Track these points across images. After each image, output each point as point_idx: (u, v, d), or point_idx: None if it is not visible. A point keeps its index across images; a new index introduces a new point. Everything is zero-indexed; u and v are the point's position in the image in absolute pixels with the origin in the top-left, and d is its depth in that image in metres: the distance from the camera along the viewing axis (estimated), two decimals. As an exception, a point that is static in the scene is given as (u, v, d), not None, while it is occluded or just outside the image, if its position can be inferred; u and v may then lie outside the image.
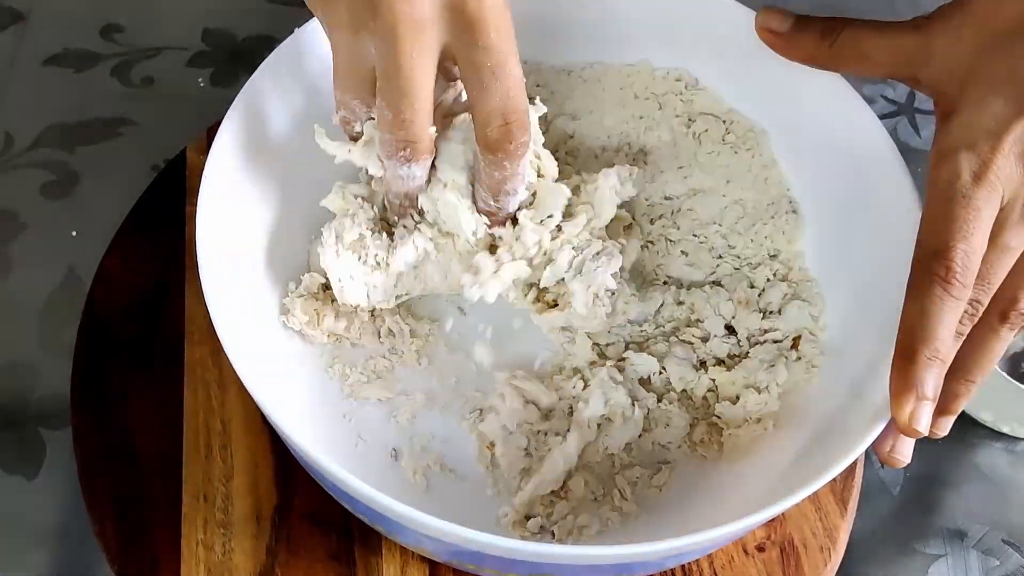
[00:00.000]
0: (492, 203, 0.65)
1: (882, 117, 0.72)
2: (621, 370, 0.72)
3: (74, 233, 0.86)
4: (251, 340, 0.65)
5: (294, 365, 0.71)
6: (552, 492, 0.67)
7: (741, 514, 0.58)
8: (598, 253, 0.68)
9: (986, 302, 0.59)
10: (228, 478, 0.70)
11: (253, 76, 0.70)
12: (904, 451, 0.62)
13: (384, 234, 0.70)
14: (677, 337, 0.74)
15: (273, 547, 0.68)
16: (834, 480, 0.61)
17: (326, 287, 0.71)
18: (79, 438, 0.71)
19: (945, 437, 0.78)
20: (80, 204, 0.88)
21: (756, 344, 0.74)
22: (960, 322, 0.58)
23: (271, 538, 0.68)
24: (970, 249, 0.57)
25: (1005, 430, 0.81)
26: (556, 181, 0.69)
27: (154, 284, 0.78)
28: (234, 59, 0.99)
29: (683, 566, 0.69)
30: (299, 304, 0.71)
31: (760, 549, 0.70)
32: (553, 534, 0.66)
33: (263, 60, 0.76)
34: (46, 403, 0.78)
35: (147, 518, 0.68)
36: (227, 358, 0.61)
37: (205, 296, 0.61)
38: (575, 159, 0.80)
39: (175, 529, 0.68)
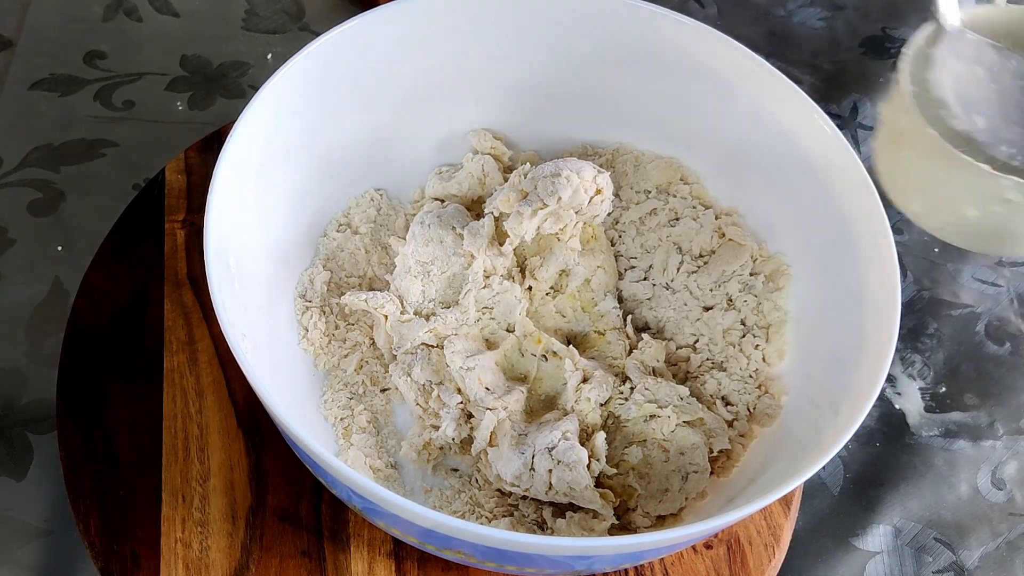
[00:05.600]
0: None
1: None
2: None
3: (59, 248, 0.88)
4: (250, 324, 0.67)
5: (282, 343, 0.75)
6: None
7: (699, 520, 0.61)
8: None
9: None
10: (205, 479, 0.71)
11: (259, 92, 0.71)
12: None
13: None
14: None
15: (247, 544, 0.69)
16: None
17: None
18: (64, 441, 0.72)
19: (884, 437, 0.82)
20: (65, 221, 0.89)
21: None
22: None
23: (246, 536, 0.69)
24: None
25: (932, 225, 0.68)
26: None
27: (135, 296, 0.79)
28: (210, 84, 1.00)
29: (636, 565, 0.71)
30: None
31: (708, 547, 0.72)
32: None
33: (238, 85, 0.78)
34: (33, 408, 0.80)
35: (128, 517, 0.70)
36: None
37: (211, 288, 0.62)
38: None
39: (155, 527, 0.69)
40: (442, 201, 0.81)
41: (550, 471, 0.67)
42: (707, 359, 0.77)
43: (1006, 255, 0.65)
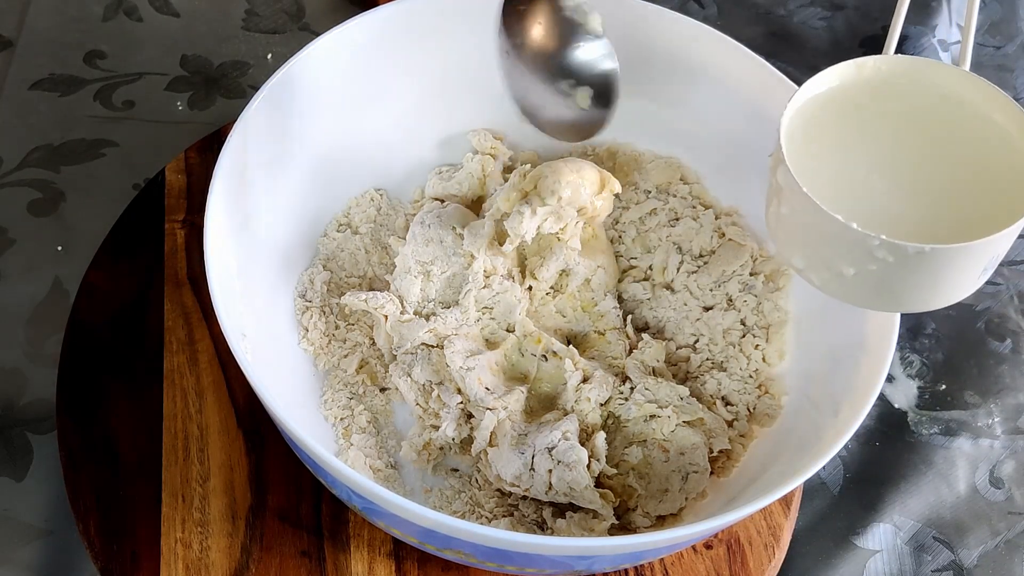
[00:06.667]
0: None
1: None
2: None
3: (59, 248, 0.88)
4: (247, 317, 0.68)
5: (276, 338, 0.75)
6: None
7: (699, 519, 0.62)
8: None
9: None
10: (205, 480, 0.71)
11: (259, 92, 0.71)
12: None
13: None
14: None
15: (247, 545, 0.69)
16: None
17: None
18: (64, 441, 0.72)
19: (883, 437, 0.82)
20: (65, 221, 0.89)
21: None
22: None
23: (246, 536, 0.70)
24: None
25: (815, 282, 0.64)
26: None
27: (135, 296, 0.79)
28: (210, 84, 1.00)
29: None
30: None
31: (708, 547, 0.72)
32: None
33: (238, 85, 0.77)
34: (33, 408, 0.79)
35: (128, 517, 0.70)
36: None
37: (211, 287, 0.63)
38: None
39: (155, 528, 0.69)
40: (442, 201, 0.81)
41: (550, 471, 0.67)
42: (707, 359, 0.77)
43: (896, 311, 0.64)
